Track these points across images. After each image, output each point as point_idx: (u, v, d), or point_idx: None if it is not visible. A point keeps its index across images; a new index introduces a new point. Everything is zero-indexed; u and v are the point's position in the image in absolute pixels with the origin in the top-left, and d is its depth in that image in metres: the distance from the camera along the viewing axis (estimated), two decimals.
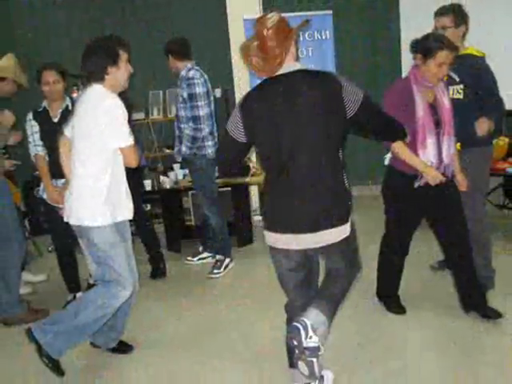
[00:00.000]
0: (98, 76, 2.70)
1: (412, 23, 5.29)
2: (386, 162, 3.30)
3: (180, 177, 5.13)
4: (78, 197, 2.75)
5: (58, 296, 3.89)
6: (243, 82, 5.46)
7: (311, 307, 2.23)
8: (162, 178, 5.11)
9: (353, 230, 2.29)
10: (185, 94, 4.02)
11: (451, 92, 3.17)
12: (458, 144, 3.13)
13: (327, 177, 2.18)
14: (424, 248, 3.89)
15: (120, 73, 2.75)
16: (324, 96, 2.14)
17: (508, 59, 4.80)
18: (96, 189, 2.71)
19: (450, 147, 2.93)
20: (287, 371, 2.50)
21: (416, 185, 2.95)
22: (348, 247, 2.31)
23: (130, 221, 2.95)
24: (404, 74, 4.07)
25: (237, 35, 5.36)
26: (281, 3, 5.99)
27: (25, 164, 4.33)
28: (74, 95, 4.18)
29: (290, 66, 2.19)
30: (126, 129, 2.71)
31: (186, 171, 4.90)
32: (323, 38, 5.45)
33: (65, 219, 2.86)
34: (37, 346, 2.74)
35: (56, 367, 2.79)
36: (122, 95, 2.81)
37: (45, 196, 3.64)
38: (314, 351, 2.11)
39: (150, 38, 6.25)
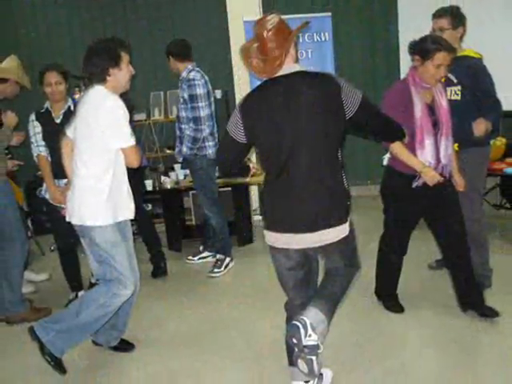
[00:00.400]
0: (100, 77, 2.73)
1: (410, 25, 5.32)
2: (385, 163, 3.33)
3: (181, 177, 5.16)
4: (79, 197, 2.78)
5: (60, 295, 3.91)
6: (243, 83, 5.48)
7: (310, 306, 2.24)
8: (163, 178, 5.13)
9: (352, 230, 2.31)
10: (185, 95, 4.05)
11: (449, 93, 3.19)
12: (456, 144, 3.15)
13: (326, 177, 2.20)
14: (422, 247, 3.91)
15: (122, 74, 2.77)
16: (323, 96, 2.16)
17: (506, 61, 4.84)
18: (98, 189, 2.73)
19: (447, 148, 2.95)
20: (287, 369, 2.51)
21: (414, 185, 2.96)
22: (347, 247, 2.33)
23: (132, 220, 2.97)
24: (402, 76, 4.10)
25: (237, 36, 5.38)
26: (281, 5, 6.00)
27: (27, 164, 4.35)
28: (76, 96, 4.19)
29: (289, 67, 2.21)
30: (128, 129, 2.73)
31: (187, 171, 4.92)
32: (322, 39, 5.48)
33: (67, 219, 2.88)
34: (39, 345, 2.77)
35: (58, 365, 2.81)
36: (124, 96, 2.83)
37: (47, 196, 3.67)
38: (314, 349, 2.13)
39: (152, 38, 6.28)
